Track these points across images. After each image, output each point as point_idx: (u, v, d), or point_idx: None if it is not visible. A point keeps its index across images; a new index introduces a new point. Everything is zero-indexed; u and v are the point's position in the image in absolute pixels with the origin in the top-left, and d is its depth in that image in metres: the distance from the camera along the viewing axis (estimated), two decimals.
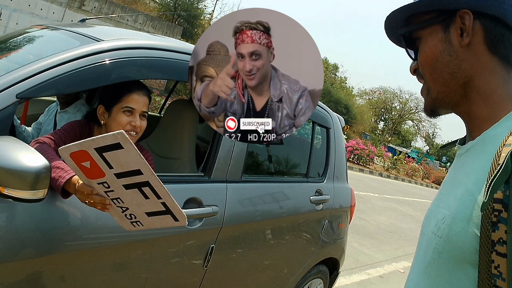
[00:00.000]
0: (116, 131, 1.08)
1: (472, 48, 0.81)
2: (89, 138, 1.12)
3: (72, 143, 1.15)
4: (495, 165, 0.67)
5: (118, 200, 1.29)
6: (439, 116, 0.92)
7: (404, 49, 0.94)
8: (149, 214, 1.31)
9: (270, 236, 2.41)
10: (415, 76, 0.93)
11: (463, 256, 0.72)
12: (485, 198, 0.65)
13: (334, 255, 3.16)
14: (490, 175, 0.67)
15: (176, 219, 1.29)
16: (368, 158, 23.85)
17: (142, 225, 1.35)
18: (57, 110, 2.43)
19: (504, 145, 0.69)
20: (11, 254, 1.32)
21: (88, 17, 2.68)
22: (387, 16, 0.93)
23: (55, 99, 2.57)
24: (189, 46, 1.98)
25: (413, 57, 0.92)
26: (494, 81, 0.81)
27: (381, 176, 23.25)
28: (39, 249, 1.39)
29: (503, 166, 0.64)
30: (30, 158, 1.19)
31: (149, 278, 1.77)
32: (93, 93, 2.79)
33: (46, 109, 2.54)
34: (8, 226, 1.31)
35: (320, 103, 3.00)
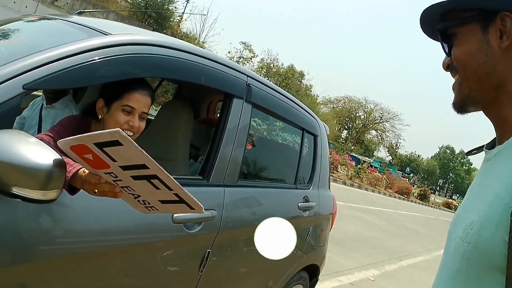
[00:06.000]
0: (113, 129, 1.01)
1: (509, 51, 0.80)
2: (86, 134, 1.05)
3: (70, 137, 1.07)
4: None
5: (129, 188, 1.19)
6: (466, 113, 0.90)
7: (439, 43, 0.92)
8: (163, 201, 1.22)
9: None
10: (448, 72, 0.91)
11: (491, 262, 0.71)
12: None
13: (316, 261, 3.16)
14: None
15: (191, 208, 1.21)
16: (332, 166, 24.22)
17: (157, 210, 1.27)
18: (42, 104, 2.31)
19: None
20: (11, 258, 1.23)
21: (82, 11, 2.57)
22: (425, 9, 0.91)
23: (40, 93, 2.45)
24: (198, 48, 1.95)
25: (447, 52, 0.90)
26: None
27: (345, 184, 23.65)
28: (37, 253, 1.30)
29: None
30: (42, 154, 1.11)
31: (145, 282, 1.70)
32: (78, 90, 2.68)
33: (31, 103, 2.40)
34: (8, 229, 1.22)
35: (309, 110, 3.01)
